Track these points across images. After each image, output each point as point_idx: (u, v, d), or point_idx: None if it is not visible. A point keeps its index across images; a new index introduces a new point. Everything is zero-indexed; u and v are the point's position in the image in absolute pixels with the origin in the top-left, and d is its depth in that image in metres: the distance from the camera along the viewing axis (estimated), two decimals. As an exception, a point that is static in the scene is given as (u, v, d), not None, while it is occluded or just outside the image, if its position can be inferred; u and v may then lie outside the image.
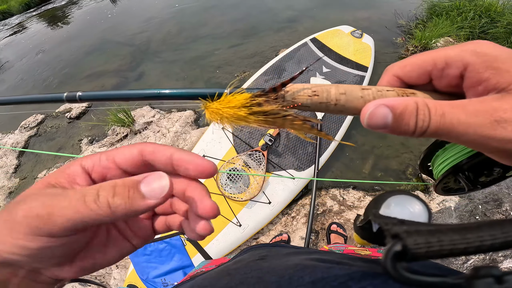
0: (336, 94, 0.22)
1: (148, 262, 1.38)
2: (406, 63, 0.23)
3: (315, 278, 0.23)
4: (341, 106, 0.22)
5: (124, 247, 0.24)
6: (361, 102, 0.21)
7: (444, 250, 0.15)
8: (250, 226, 1.48)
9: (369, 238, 0.22)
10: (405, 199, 0.22)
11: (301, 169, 1.61)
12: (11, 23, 6.26)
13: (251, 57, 2.82)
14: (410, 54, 2.59)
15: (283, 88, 0.22)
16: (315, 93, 0.22)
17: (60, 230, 0.18)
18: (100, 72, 3.24)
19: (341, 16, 3.31)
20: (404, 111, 0.19)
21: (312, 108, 0.22)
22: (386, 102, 0.20)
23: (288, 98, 0.22)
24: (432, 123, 0.19)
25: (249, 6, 3.97)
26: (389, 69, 0.24)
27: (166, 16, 4.13)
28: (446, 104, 0.19)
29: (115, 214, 0.18)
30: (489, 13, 2.79)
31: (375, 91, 0.22)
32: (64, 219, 0.18)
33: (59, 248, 0.19)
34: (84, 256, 0.22)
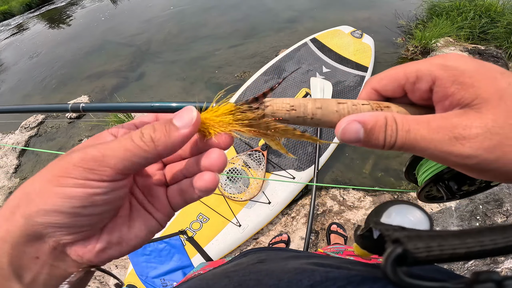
0: (312, 109, 0.22)
1: (148, 262, 1.38)
2: (383, 76, 0.23)
3: (314, 281, 0.23)
4: (317, 120, 0.22)
5: (148, 221, 0.24)
6: (336, 116, 0.22)
7: (445, 254, 0.15)
8: (250, 226, 1.48)
9: (370, 247, 0.22)
10: (406, 208, 0.22)
11: (301, 169, 1.61)
12: (12, 23, 6.28)
13: (251, 57, 2.82)
14: (410, 54, 2.59)
15: (263, 100, 0.23)
16: (293, 107, 0.23)
17: (111, 172, 0.19)
18: (101, 72, 3.25)
19: (341, 16, 3.31)
20: (374, 126, 0.20)
21: (291, 122, 0.23)
22: (358, 118, 0.20)
23: (268, 113, 0.23)
24: (399, 139, 0.19)
25: (249, 6, 3.98)
26: (368, 82, 0.24)
27: (167, 16, 4.14)
28: (412, 120, 0.19)
29: (158, 149, 0.20)
30: (489, 13, 2.79)
31: (350, 106, 0.22)
32: (117, 160, 0.19)
33: (99, 205, 0.20)
34: (110, 229, 0.22)
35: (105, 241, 0.22)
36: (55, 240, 0.19)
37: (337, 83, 1.97)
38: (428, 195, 0.37)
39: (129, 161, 0.20)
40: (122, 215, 0.23)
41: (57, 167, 0.19)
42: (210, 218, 1.47)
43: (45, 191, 0.19)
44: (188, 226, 1.44)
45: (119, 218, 0.23)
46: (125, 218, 0.23)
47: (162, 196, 0.25)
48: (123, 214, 0.23)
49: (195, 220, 1.46)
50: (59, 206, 0.18)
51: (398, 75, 0.22)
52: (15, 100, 3.27)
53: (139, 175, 0.26)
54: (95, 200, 0.19)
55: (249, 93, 1.90)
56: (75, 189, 0.18)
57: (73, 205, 0.18)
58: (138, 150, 0.20)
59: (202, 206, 1.48)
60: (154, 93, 2.72)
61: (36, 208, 0.18)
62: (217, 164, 0.22)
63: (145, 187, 0.25)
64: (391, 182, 1.75)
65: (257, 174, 1.53)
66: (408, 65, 0.22)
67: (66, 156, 0.20)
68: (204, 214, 1.47)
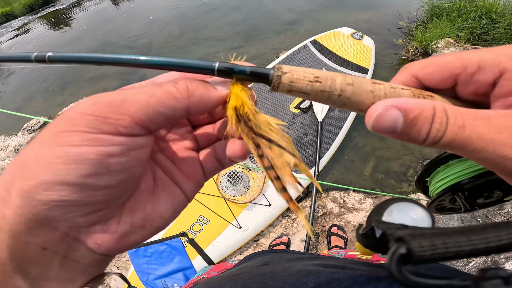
0: (341, 84, 0.19)
1: (149, 263, 1.39)
2: (428, 63, 0.20)
3: (319, 283, 0.23)
4: (345, 98, 0.19)
5: (174, 195, 0.21)
6: (370, 97, 0.19)
7: (450, 252, 0.14)
8: (250, 228, 1.48)
9: (372, 245, 0.21)
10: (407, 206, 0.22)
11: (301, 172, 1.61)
12: (14, 25, 6.32)
13: (252, 60, 2.83)
14: (410, 56, 2.59)
15: (281, 66, 0.20)
16: (318, 79, 0.19)
17: (130, 122, 0.15)
18: (102, 75, 3.26)
19: (342, 18, 3.32)
20: (418, 116, 0.16)
21: (312, 97, 0.19)
22: (398, 104, 0.17)
23: (285, 81, 0.19)
24: (447, 134, 0.16)
25: (250, 8, 3.99)
26: (407, 67, 0.21)
27: (168, 18, 4.16)
28: (468, 114, 0.16)
29: (191, 100, 0.17)
30: (489, 14, 2.78)
31: (387, 87, 0.19)
32: (138, 106, 0.15)
33: (117, 172, 0.15)
34: (132, 208, 0.18)
35: (127, 224, 0.18)
36: (65, 224, 0.15)
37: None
38: (438, 206, 0.34)
39: (153, 110, 0.16)
40: (144, 189, 0.19)
41: (61, 120, 0.15)
42: (210, 220, 1.47)
43: (44, 155, 0.14)
44: (189, 228, 1.45)
45: (141, 193, 0.19)
46: (149, 193, 0.20)
47: (194, 161, 0.22)
48: (145, 187, 0.19)
49: (196, 222, 1.47)
50: (63, 175, 0.14)
51: (452, 63, 0.19)
52: (17, 102, 3.29)
53: (165, 141, 0.22)
54: (111, 163, 0.15)
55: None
56: (83, 148, 0.14)
57: (83, 172, 0.14)
58: (167, 97, 0.16)
59: (203, 208, 1.48)
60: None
61: (34, 181, 0.14)
62: None
63: (172, 153, 0.22)
64: (392, 184, 1.75)
65: (258, 177, 1.54)
66: (465, 53, 0.18)
67: (76, 104, 0.15)
68: (204, 216, 1.47)
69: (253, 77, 0.20)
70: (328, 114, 1.80)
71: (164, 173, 0.21)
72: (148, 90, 0.16)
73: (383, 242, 0.18)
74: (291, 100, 1.87)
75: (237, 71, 0.19)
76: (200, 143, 0.23)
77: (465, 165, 0.26)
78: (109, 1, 5.88)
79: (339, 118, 1.81)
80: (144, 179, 0.20)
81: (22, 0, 6.91)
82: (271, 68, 0.19)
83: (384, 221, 0.20)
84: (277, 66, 0.19)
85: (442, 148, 0.17)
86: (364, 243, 0.22)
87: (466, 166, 0.26)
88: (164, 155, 0.22)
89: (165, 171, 0.21)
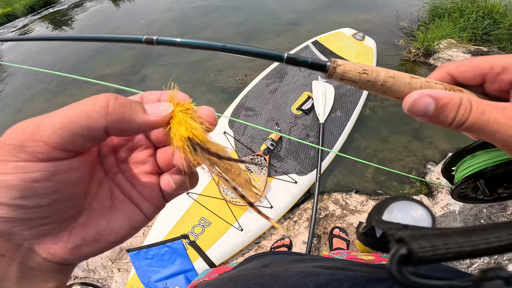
0: (384, 76, 0.23)
1: (150, 266, 1.38)
2: (463, 63, 0.24)
3: (319, 284, 0.23)
4: (386, 87, 0.23)
5: (132, 214, 0.22)
6: (407, 88, 0.22)
7: (450, 253, 0.15)
8: (252, 231, 1.47)
9: (372, 244, 0.22)
10: (407, 204, 0.22)
11: (303, 174, 1.60)
12: (16, 25, 6.33)
13: (253, 61, 2.82)
14: (412, 57, 2.58)
15: (335, 59, 0.24)
16: (365, 71, 0.23)
17: (46, 148, 0.15)
18: (103, 76, 3.26)
19: (343, 19, 3.31)
20: (447, 103, 0.20)
21: (359, 85, 0.23)
22: (431, 93, 0.20)
23: (339, 71, 0.23)
24: (470, 119, 0.20)
25: (251, 9, 3.99)
26: (443, 66, 0.25)
27: (168, 19, 4.15)
28: (488, 104, 0.20)
29: (109, 118, 0.17)
30: (491, 15, 2.77)
31: (423, 81, 0.23)
32: (51, 130, 0.15)
33: (45, 194, 0.16)
34: (84, 223, 0.20)
35: (79, 237, 0.19)
36: (16, 236, 0.17)
37: (339, 86, 1.97)
38: (461, 193, 0.37)
39: (68, 132, 0.16)
40: (98, 207, 0.21)
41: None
42: (212, 222, 1.47)
43: None
44: (190, 230, 1.44)
45: (96, 210, 0.21)
46: (105, 211, 0.21)
47: (152, 185, 0.23)
48: (100, 205, 0.21)
49: (197, 225, 1.46)
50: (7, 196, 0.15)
51: (482, 64, 0.23)
52: (17, 103, 3.29)
53: (126, 163, 0.23)
54: (36, 188, 0.16)
55: (251, 96, 1.90)
56: (7, 176, 0.15)
57: (12, 196, 0.15)
58: (82, 117, 0.16)
59: (204, 210, 1.48)
60: (156, 96, 2.73)
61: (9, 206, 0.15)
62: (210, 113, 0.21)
63: (132, 175, 0.23)
64: (394, 185, 1.75)
65: (259, 179, 1.53)
66: (494, 57, 0.23)
67: (3, 134, 0.16)
68: (206, 219, 1.47)
69: (313, 67, 0.24)
70: (330, 116, 1.79)
71: (122, 194, 0.22)
72: (64, 111, 0.16)
73: (384, 242, 0.18)
74: (293, 101, 1.87)
75: (300, 61, 0.24)
76: (161, 166, 0.24)
77: (489, 155, 0.29)
78: (109, 1, 5.89)
79: (341, 120, 1.81)
80: (99, 197, 0.21)
81: (23, 1, 6.93)
82: (327, 60, 0.24)
83: (384, 220, 0.20)
84: (333, 59, 0.24)
85: (464, 131, 0.21)
86: (364, 242, 0.23)
87: (490, 156, 0.29)
88: (124, 176, 0.23)
89: (124, 192, 0.22)
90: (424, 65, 2.55)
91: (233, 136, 1.71)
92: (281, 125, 1.76)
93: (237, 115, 1.81)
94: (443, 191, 1.63)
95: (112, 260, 1.63)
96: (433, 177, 1.71)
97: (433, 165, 1.79)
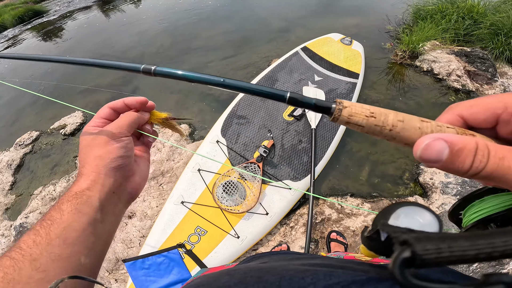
0: (393, 120, 0.22)
1: (147, 276, 1.37)
2: (473, 103, 0.22)
3: (317, 280, 0.23)
4: (395, 133, 0.22)
5: (144, 161, 0.44)
6: (418, 133, 0.21)
7: (454, 256, 0.14)
8: (249, 238, 1.48)
9: (377, 249, 0.21)
10: (414, 210, 0.21)
11: (297, 179, 1.62)
12: (5, 36, 6.26)
13: (244, 68, 2.85)
14: (399, 59, 2.64)
15: (342, 100, 0.23)
16: (373, 114, 0.22)
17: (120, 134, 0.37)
18: (94, 86, 3.25)
19: (331, 24, 3.38)
20: (462, 148, 0.18)
21: (365, 129, 0.22)
22: (445, 137, 0.19)
23: (345, 114, 0.22)
24: (489, 165, 0.18)
25: (242, 17, 4.04)
26: (452, 107, 0.23)
27: (159, 28, 4.17)
28: (507, 149, 0.19)
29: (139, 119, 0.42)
30: (471, 15, 2.84)
31: (434, 125, 0.22)
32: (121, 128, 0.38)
33: (127, 153, 0.38)
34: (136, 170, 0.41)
35: (138, 177, 0.41)
36: (118, 179, 0.37)
37: (329, 91, 2.00)
38: None
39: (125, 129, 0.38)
40: (135, 162, 0.41)
41: (99, 141, 0.37)
42: (208, 230, 1.46)
43: (106, 150, 0.36)
44: (186, 239, 1.44)
45: (136, 163, 0.41)
46: (137, 163, 0.42)
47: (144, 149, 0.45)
48: (134, 161, 0.41)
49: (193, 233, 1.46)
50: (119, 153, 0.37)
51: (495, 104, 0.21)
52: (9, 115, 3.25)
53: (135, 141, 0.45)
54: (123, 150, 0.37)
55: (243, 104, 1.92)
56: (111, 149, 0.36)
57: (117, 154, 0.36)
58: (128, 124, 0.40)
59: (200, 219, 1.48)
60: (149, 106, 2.73)
61: (107, 160, 0.36)
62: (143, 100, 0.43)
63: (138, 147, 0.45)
64: (388, 187, 1.77)
65: (254, 186, 1.54)
66: (506, 95, 0.21)
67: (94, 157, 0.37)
68: (201, 227, 1.47)
69: (316, 109, 0.23)
70: (321, 121, 1.82)
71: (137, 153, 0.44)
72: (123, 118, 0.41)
73: (388, 246, 0.18)
74: (284, 108, 1.89)
75: (304, 102, 0.24)
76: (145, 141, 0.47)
77: (500, 199, 0.28)
78: (99, 12, 5.88)
79: (332, 125, 1.83)
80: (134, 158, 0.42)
81: (12, 12, 6.87)
82: (332, 102, 0.23)
83: (390, 224, 0.20)
84: (338, 100, 0.23)
85: (483, 179, 0.19)
86: (369, 246, 0.22)
87: (500, 200, 0.28)
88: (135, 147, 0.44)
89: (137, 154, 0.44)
90: (411, 67, 2.61)
91: (226, 145, 1.72)
92: (274, 132, 1.78)
93: (230, 124, 1.83)
94: (437, 191, 1.66)
95: (109, 271, 1.61)
96: (426, 177, 1.74)
97: (425, 165, 1.83)
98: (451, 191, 1.63)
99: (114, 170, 0.36)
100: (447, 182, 1.67)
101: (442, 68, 2.46)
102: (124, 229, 1.75)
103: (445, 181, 1.68)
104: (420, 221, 0.21)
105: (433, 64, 2.51)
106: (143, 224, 1.74)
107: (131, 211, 1.83)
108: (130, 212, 1.83)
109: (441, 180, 1.69)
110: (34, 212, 2.06)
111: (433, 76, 2.48)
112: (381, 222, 0.21)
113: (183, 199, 1.52)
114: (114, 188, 0.36)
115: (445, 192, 1.64)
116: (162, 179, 1.96)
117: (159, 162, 2.06)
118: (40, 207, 2.08)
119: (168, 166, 2.02)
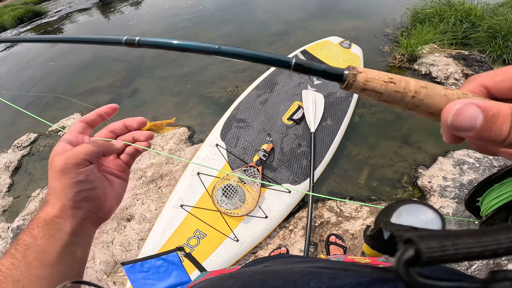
0: (416, 86, 0.20)
1: (146, 279, 1.36)
2: (497, 72, 0.20)
3: (321, 283, 0.23)
4: (419, 100, 0.20)
5: (119, 182, 0.42)
6: (443, 100, 0.19)
7: (460, 253, 0.14)
8: (248, 241, 1.48)
9: (380, 247, 0.21)
10: (417, 207, 0.21)
11: (296, 183, 1.62)
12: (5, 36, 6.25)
13: (243, 71, 2.85)
14: (397, 62, 2.66)
15: (355, 66, 0.21)
16: (392, 80, 0.20)
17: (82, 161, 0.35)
18: (93, 89, 3.25)
19: (331, 27, 3.39)
20: (497, 114, 0.17)
21: (385, 97, 0.20)
22: (477, 102, 0.17)
23: (360, 80, 0.20)
24: None
25: (242, 20, 4.05)
26: (475, 77, 0.22)
27: (159, 30, 4.18)
28: None
29: (102, 148, 0.38)
30: (469, 18, 2.85)
31: (460, 93, 0.20)
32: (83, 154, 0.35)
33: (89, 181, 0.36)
34: (106, 194, 0.39)
35: (110, 201, 0.40)
36: (86, 208, 0.36)
37: (328, 95, 2.01)
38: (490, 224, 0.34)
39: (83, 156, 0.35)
40: (107, 185, 0.40)
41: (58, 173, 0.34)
42: (207, 234, 1.46)
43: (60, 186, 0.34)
44: (185, 242, 1.44)
45: (107, 187, 0.39)
46: (109, 186, 0.40)
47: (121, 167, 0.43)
48: (107, 184, 0.40)
49: (192, 237, 1.46)
50: (80, 187, 0.35)
51: None
52: (7, 116, 3.24)
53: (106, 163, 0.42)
54: (84, 180, 0.35)
55: (242, 107, 1.92)
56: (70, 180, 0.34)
57: (77, 189, 0.35)
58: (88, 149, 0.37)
59: (199, 222, 1.48)
60: (148, 109, 2.72)
61: (71, 193, 0.34)
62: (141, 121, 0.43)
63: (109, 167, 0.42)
64: (387, 191, 1.78)
65: (253, 190, 1.54)
66: None
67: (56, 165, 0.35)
68: (201, 230, 1.46)
69: (326, 76, 0.21)
70: (320, 124, 1.83)
71: (110, 176, 0.41)
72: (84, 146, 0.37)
73: (392, 244, 0.18)
74: (284, 112, 1.90)
75: (313, 69, 0.21)
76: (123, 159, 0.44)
77: None
78: (99, 13, 5.89)
79: (331, 128, 1.84)
80: (105, 183, 0.40)
81: (12, 12, 6.87)
82: (344, 68, 0.21)
83: (392, 222, 0.19)
84: (351, 66, 0.21)
85: None
86: (372, 245, 0.22)
87: None
88: (109, 168, 0.42)
89: (111, 174, 0.42)
90: (409, 71, 2.63)
91: (226, 148, 1.72)
92: (273, 135, 1.78)
93: (229, 127, 1.83)
94: (436, 194, 1.67)
95: (107, 274, 1.60)
96: (425, 181, 1.75)
97: (424, 169, 1.84)
98: (449, 194, 1.64)
99: (80, 202, 0.35)
100: (445, 186, 1.68)
101: (440, 72, 2.48)
102: (122, 232, 1.75)
103: (443, 184, 1.69)
104: (422, 218, 0.20)
105: (431, 68, 2.53)
106: (142, 227, 1.74)
107: (129, 214, 1.83)
108: (128, 215, 1.83)
109: (439, 184, 1.69)
110: (32, 214, 2.06)
111: (431, 79, 2.50)
112: (384, 220, 0.20)
113: (182, 202, 1.52)
114: (84, 216, 0.36)
115: (443, 195, 1.64)
116: (161, 182, 1.96)
117: (158, 165, 2.05)
118: (37, 209, 2.07)
119: (167, 169, 2.02)
